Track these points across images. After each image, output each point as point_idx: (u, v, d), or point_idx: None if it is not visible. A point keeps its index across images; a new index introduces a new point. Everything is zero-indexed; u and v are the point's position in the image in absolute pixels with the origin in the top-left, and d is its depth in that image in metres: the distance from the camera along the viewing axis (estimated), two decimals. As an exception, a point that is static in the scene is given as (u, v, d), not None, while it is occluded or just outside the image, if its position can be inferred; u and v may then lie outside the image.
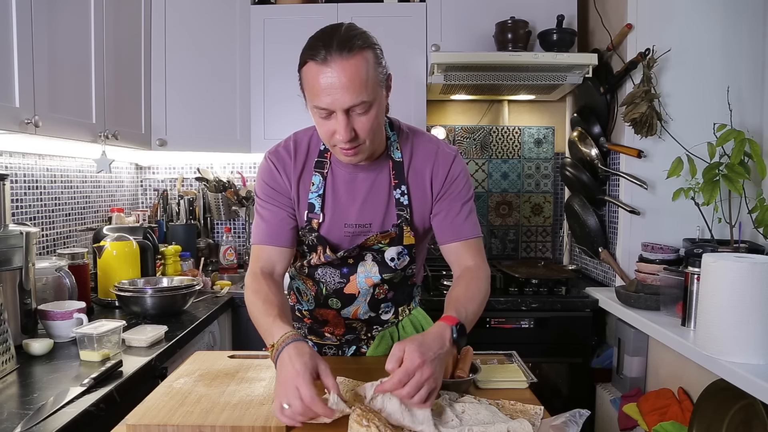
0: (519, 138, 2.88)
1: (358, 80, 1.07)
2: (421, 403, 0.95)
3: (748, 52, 2.07)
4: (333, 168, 1.28)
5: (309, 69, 1.10)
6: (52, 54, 1.62)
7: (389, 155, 1.28)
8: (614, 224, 2.28)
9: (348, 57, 1.07)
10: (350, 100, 1.08)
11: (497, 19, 2.38)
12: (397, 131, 1.31)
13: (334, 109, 1.09)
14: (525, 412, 1.02)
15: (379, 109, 1.14)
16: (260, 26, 2.53)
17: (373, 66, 1.11)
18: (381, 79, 1.14)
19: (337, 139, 1.13)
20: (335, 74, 1.06)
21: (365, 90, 1.08)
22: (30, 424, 0.99)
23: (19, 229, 1.46)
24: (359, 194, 1.28)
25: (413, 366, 0.95)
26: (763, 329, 1.31)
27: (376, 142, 1.21)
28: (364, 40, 1.11)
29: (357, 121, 1.12)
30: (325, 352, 1.45)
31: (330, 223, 1.28)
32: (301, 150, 1.30)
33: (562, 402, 2.19)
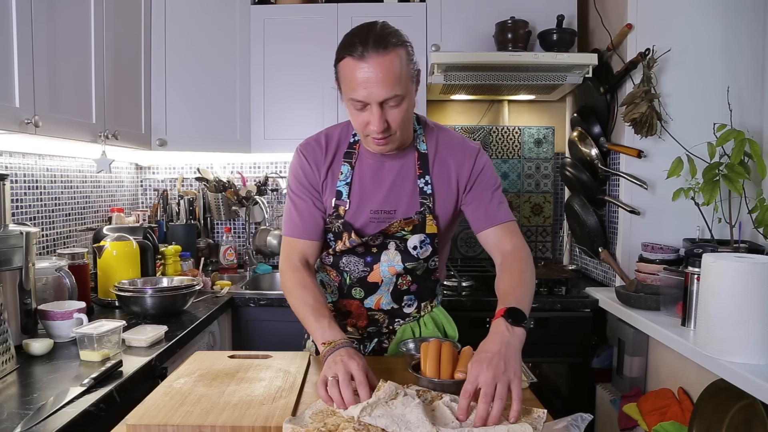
0: (519, 138, 2.88)
1: (393, 75, 1.15)
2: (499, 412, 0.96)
3: (748, 52, 2.07)
4: (361, 157, 1.36)
5: (346, 64, 1.17)
6: (52, 54, 1.62)
7: (415, 147, 1.36)
8: (614, 224, 2.28)
9: (383, 53, 1.15)
10: (385, 93, 1.16)
11: (497, 19, 2.38)
12: (423, 125, 1.39)
13: (369, 101, 1.17)
14: (528, 414, 1.02)
15: (409, 102, 1.23)
16: (260, 26, 2.53)
17: (405, 62, 1.19)
18: (412, 74, 1.23)
19: (371, 130, 1.21)
20: (371, 69, 1.14)
21: (399, 84, 1.17)
22: (30, 424, 0.99)
23: (19, 229, 1.46)
24: (385, 182, 1.34)
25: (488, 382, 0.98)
26: (763, 329, 1.31)
27: (406, 133, 1.29)
28: (398, 38, 1.19)
29: (390, 113, 1.20)
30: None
31: (356, 209, 1.34)
32: (332, 142, 1.37)
33: (562, 402, 2.19)
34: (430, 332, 1.45)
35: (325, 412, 1.01)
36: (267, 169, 2.92)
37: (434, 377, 1.11)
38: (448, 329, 1.49)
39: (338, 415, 0.99)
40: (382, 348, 1.46)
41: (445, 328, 1.49)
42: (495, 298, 2.22)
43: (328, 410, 1.02)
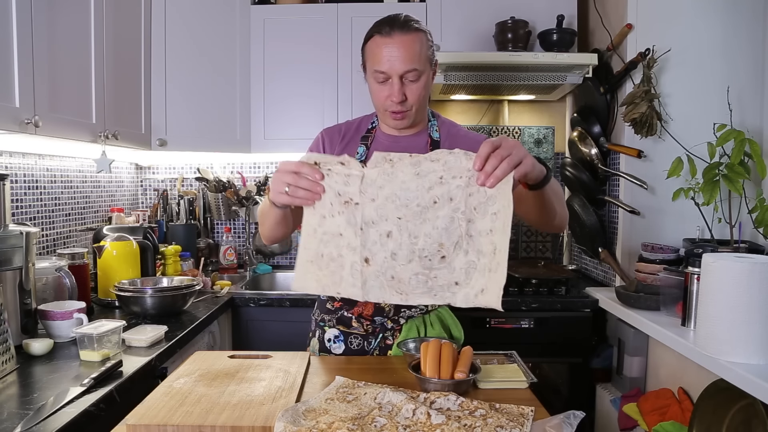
0: (519, 138, 2.88)
1: (413, 51, 1.31)
2: (512, 166, 1.00)
3: (748, 52, 2.07)
4: (377, 139, 1.47)
5: (374, 41, 1.34)
6: (52, 54, 1.62)
7: (429, 133, 1.46)
8: (614, 224, 2.28)
9: (407, 33, 1.32)
10: (405, 66, 1.30)
11: (497, 19, 2.38)
12: (438, 118, 1.51)
13: (391, 74, 1.31)
14: (521, 414, 1.02)
15: (426, 81, 1.36)
16: (260, 26, 2.53)
17: (425, 45, 1.34)
18: (430, 57, 1.37)
19: (390, 103, 1.34)
20: (395, 45, 1.30)
21: (418, 61, 1.31)
22: (30, 424, 0.99)
23: (19, 229, 1.46)
24: None
25: (498, 138, 1.03)
26: (763, 329, 1.31)
27: (420, 113, 1.41)
28: (420, 25, 1.36)
29: (408, 87, 1.33)
30: (351, 341, 1.47)
31: None
32: (351, 127, 1.51)
33: (562, 402, 2.19)
34: (437, 333, 1.45)
35: (318, 410, 1.01)
36: (267, 169, 2.92)
37: (434, 377, 1.11)
38: (454, 331, 1.50)
39: (331, 414, 0.99)
40: (386, 345, 1.46)
41: (450, 330, 1.50)
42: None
43: (321, 408, 1.02)
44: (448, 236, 1.04)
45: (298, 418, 0.97)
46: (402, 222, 1.06)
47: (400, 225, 1.06)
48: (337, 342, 1.48)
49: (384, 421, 0.96)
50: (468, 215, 1.03)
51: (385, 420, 0.96)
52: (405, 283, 1.07)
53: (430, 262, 1.06)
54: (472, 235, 1.04)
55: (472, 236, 1.04)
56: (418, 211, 1.05)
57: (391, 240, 1.07)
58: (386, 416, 0.98)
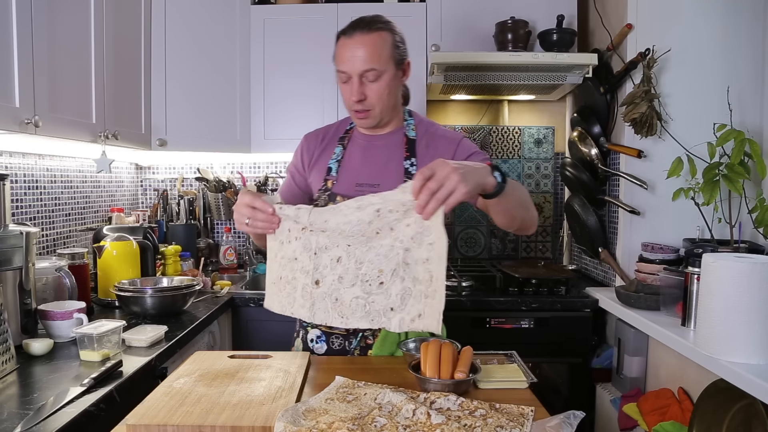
0: (519, 138, 2.88)
1: (372, 51, 1.33)
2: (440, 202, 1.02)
3: (748, 52, 2.07)
4: (353, 139, 1.51)
5: (339, 42, 1.38)
6: (52, 54, 1.62)
7: (404, 132, 1.48)
8: (614, 224, 2.28)
9: (368, 33, 1.34)
10: (363, 65, 1.33)
11: (497, 19, 2.38)
12: (415, 117, 1.52)
13: (351, 73, 1.34)
14: (521, 414, 1.02)
15: (389, 80, 1.37)
16: (260, 26, 2.53)
17: (388, 44, 1.36)
18: (396, 58, 1.37)
19: (352, 102, 1.37)
20: (356, 44, 1.34)
21: (378, 60, 1.33)
22: (30, 424, 0.99)
23: (19, 229, 1.46)
24: (372, 158, 1.47)
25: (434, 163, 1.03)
26: (763, 329, 1.32)
27: (386, 111, 1.41)
28: (385, 24, 1.38)
29: (368, 87, 1.36)
30: (332, 341, 1.47)
31: (343, 182, 1.46)
32: (330, 130, 1.56)
33: (562, 402, 2.19)
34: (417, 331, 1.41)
35: (318, 410, 1.01)
36: (267, 169, 2.92)
37: (434, 377, 1.12)
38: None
39: (331, 414, 0.99)
40: (367, 344, 1.45)
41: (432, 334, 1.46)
42: (495, 297, 2.25)
43: (321, 408, 1.02)
44: (387, 263, 1.11)
45: (298, 418, 0.97)
46: (351, 248, 1.14)
47: (349, 251, 1.14)
48: (319, 342, 1.49)
49: (384, 421, 0.96)
50: (406, 244, 1.10)
51: (385, 420, 0.96)
52: (346, 306, 1.14)
53: (370, 287, 1.13)
54: (408, 263, 1.10)
55: (409, 264, 1.10)
56: (364, 240, 1.12)
57: (340, 264, 1.15)
58: (386, 416, 0.98)
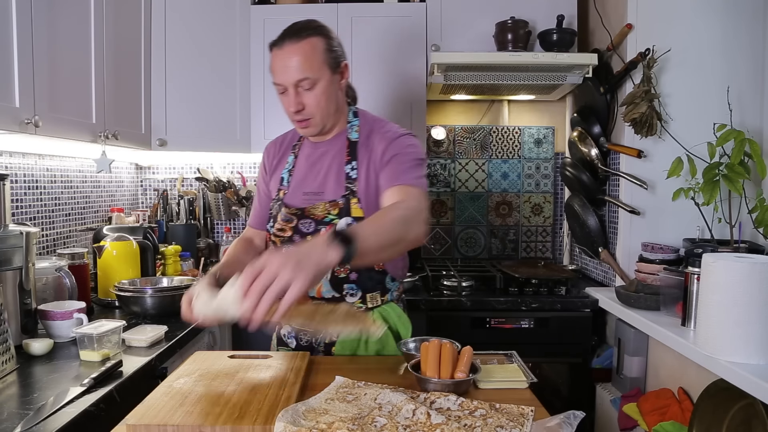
0: (519, 138, 2.88)
1: (304, 60, 1.32)
2: (270, 302, 0.89)
3: (748, 52, 2.07)
4: (302, 147, 1.52)
5: (272, 55, 1.36)
6: (52, 54, 1.62)
7: (347, 136, 1.46)
8: (614, 224, 2.28)
9: (297, 41, 1.32)
10: (296, 75, 1.32)
11: (497, 19, 2.38)
12: (361, 118, 1.50)
13: (285, 84, 1.34)
14: (521, 414, 1.02)
15: (326, 87, 1.36)
16: (260, 26, 2.53)
17: (320, 50, 1.34)
18: (330, 62, 1.36)
19: (291, 112, 1.37)
20: (286, 55, 1.32)
21: (310, 68, 1.32)
22: (30, 424, 0.99)
23: (19, 229, 1.46)
24: (317, 166, 1.47)
25: (263, 258, 0.91)
26: (763, 329, 1.32)
27: (327, 117, 1.41)
28: (315, 29, 1.36)
29: (305, 96, 1.35)
30: (301, 338, 1.49)
31: (292, 192, 1.48)
32: (286, 138, 1.57)
33: (562, 402, 2.19)
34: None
35: (318, 410, 1.01)
36: (267, 169, 2.92)
37: (434, 377, 1.12)
38: (401, 329, 1.47)
39: (331, 414, 0.99)
40: (331, 341, 1.45)
41: (397, 328, 1.46)
42: (495, 297, 2.25)
43: (321, 408, 1.02)
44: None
45: (298, 418, 0.97)
46: None
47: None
48: (289, 338, 1.50)
49: (384, 421, 0.96)
50: None
51: (385, 420, 0.96)
52: None
53: None
54: None
55: None
56: None
57: None
58: (386, 416, 0.98)
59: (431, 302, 2.17)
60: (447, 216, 2.91)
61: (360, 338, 1.42)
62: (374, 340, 0.91)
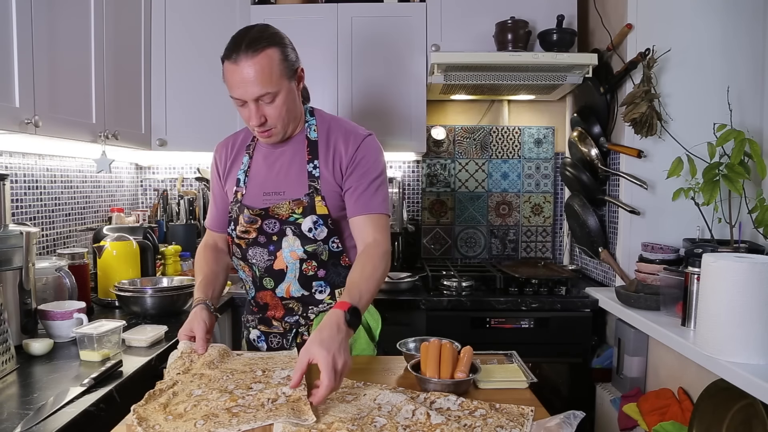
0: (519, 138, 2.88)
1: (262, 75, 1.28)
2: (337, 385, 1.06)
3: (748, 52, 2.07)
4: (258, 147, 1.50)
5: (225, 67, 1.32)
6: (52, 54, 1.62)
7: (306, 135, 1.46)
8: (614, 224, 2.28)
9: (253, 56, 1.28)
10: (256, 91, 1.29)
11: (497, 19, 2.38)
12: (317, 117, 1.50)
13: (245, 99, 1.31)
14: (521, 414, 1.02)
15: (286, 97, 1.34)
16: (260, 26, 2.53)
17: (277, 62, 1.31)
18: (287, 72, 1.34)
19: (253, 124, 1.35)
20: (243, 71, 1.28)
21: (270, 83, 1.30)
22: (30, 424, 0.99)
23: (19, 229, 1.46)
24: (276, 167, 1.46)
25: (329, 365, 1.04)
26: (763, 329, 1.32)
27: (288, 125, 1.40)
28: (270, 40, 1.31)
29: (266, 109, 1.33)
30: (271, 340, 1.51)
31: (250, 192, 1.46)
32: (238, 139, 1.55)
33: (562, 402, 2.19)
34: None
35: (318, 410, 1.01)
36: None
37: (434, 377, 1.12)
38: (370, 320, 1.49)
39: (331, 414, 0.99)
40: (303, 340, 1.46)
41: (367, 319, 1.49)
42: (495, 297, 2.25)
43: (320, 408, 1.02)
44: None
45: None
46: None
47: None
48: (260, 342, 1.52)
49: (384, 421, 0.96)
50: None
51: (384, 420, 0.96)
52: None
53: None
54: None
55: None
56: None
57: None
58: (386, 416, 0.98)
59: (431, 302, 2.17)
60: (447, 216, 2.91)
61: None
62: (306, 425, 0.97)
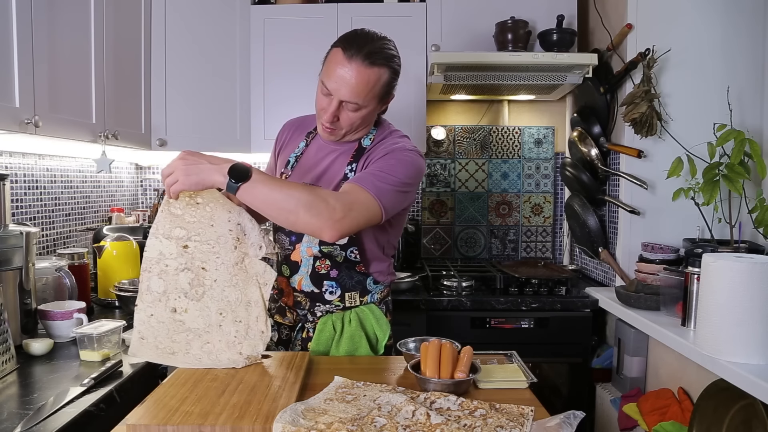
0: (519, 138, 2.88)
1: (363, 87, 1.29)
2: (168, 187, 1.17)
3: (748, 52, 2.07)
4: (316, 138, 1.51)
5: (336, 54, 1.31)
6: (52, 54, 1.62)
7: (360, 142, 1.46)
8: (614, 224, 2.28)
9: (367, 66, 1.28)
10: (348, 96, 1.30)
11: (497, 19, 2.38)
12: (380, 128, 1.48)
13: (334, 95, 1.31)
14: (521, 414, 1.02)
15: (367, 113, 1.36)
16: (260, 26, 2.53)
17: (382, 83, 1.32)
18: (382, 95, 1.36)
19: (323, 117, 1.36)
20: (350, 73, 1.28)
21: (364, 97, 1.31)
22: (30, 424, 0.99)
23: (19, 229, 1.46)
24: (323, 162, 1.47)
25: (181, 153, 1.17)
26: (763, 329, 1.32)
27: (353, 133, 1.42)
28: (388, 60, 1.32)
29: (344, 113, 1.34)
30: (282, 331, 1.53)
31: (294, 177, 1.48)
32: (305, 122, 1.58)
33: (562, 402, 2.19)
34: (353, 329, 1.43)
35: (317, 410, 1.01)
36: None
37: (434, 377, 1.12)
38: (378, 331, 1.46)
39: (330, 414, 0.99)
40: (308, 336, 1.47)
41: (374, 330, 1.46)
42: (495, 297, 2.26)
43: (320, 408, 1.02)
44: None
45: (297, 418, 0.97)
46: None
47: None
48: (273, 331, 1.52)
49: (384, 421, 0.96)
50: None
51: (384, 420, 0.96)
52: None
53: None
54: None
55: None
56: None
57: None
58: (386, 416, 0.98)
59: (431, 302, 2.17)
60: (447, 216, 2.91)
61: (334, 336, 1.44)
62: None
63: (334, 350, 1.44)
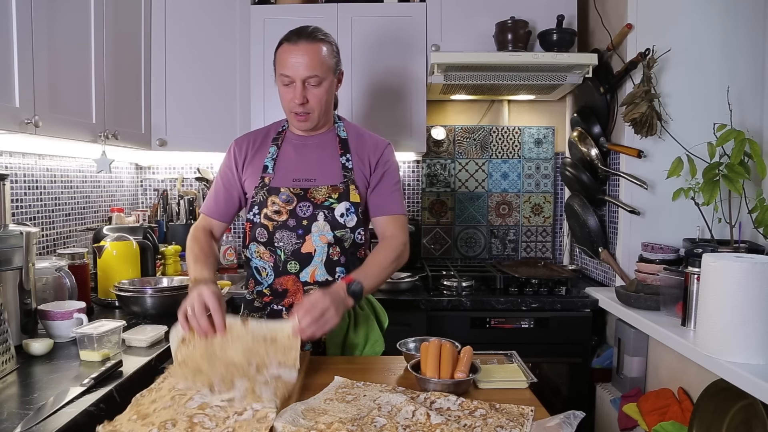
0: (519, 138, 2.88)
1: (315, 59, 1.46)
2: (320, 329, 1.21)
3: (748, 52, 2.07)
4: (287, 139, 1.61)
5: (283, 48, 1.49)
6: (52, 54, 1.62)
7: (336, 133, 1.60)
8: (614, 224, 2.28)
9: (311, 42, 1.46)
10: (307, 71, 1.45)
11: (497, 19, 2.38)
12: (343, 121, 1.65)
13: (294, 78, 1.45)
14: (521, 414, 1.02)
15: (328, 87, 1.50)
16: (260, 26, 2.53)
17: (328, 54, 1.49)
18: (333, 67, 1.51)
19: (294, 104, 1.48)
20: (300, 52, 1.45)
21: (319, 67, 1.46)
22: (30, 424, 0.99)
23: (19, 229, 1.46)
24: (307, 156, 1.57)
25: (316, 298, 1.23)
26: (763, 329, 1.32)
27: (323, 115, 1.53)
28: (326, 36, 1.51)
29: (310, 91, 1.47)
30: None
31: (279, 177, 1.55)
32: (261, 132, 1.65)
33: (562, 402, 2.19)
34: (366, 313, 1.56)
35: (317, 410, 1.01)
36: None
37: (434, 377, 1.12)
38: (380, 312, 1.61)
39: (330, 414, 0.99)
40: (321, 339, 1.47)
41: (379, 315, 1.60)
42: (495, 297, 2.26)
43: (320, 408, 1.02)
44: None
45: (297, 418, 0.97)
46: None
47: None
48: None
49: (384, 421, 0.96)
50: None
51: (384, 420, 0.96)
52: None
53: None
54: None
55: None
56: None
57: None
58: (386, 416, 0.98)
59: (431, 302, 2.17)
60: (447, 216, 2.91)
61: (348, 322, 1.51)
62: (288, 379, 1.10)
63: (353, 335, 1.49)
